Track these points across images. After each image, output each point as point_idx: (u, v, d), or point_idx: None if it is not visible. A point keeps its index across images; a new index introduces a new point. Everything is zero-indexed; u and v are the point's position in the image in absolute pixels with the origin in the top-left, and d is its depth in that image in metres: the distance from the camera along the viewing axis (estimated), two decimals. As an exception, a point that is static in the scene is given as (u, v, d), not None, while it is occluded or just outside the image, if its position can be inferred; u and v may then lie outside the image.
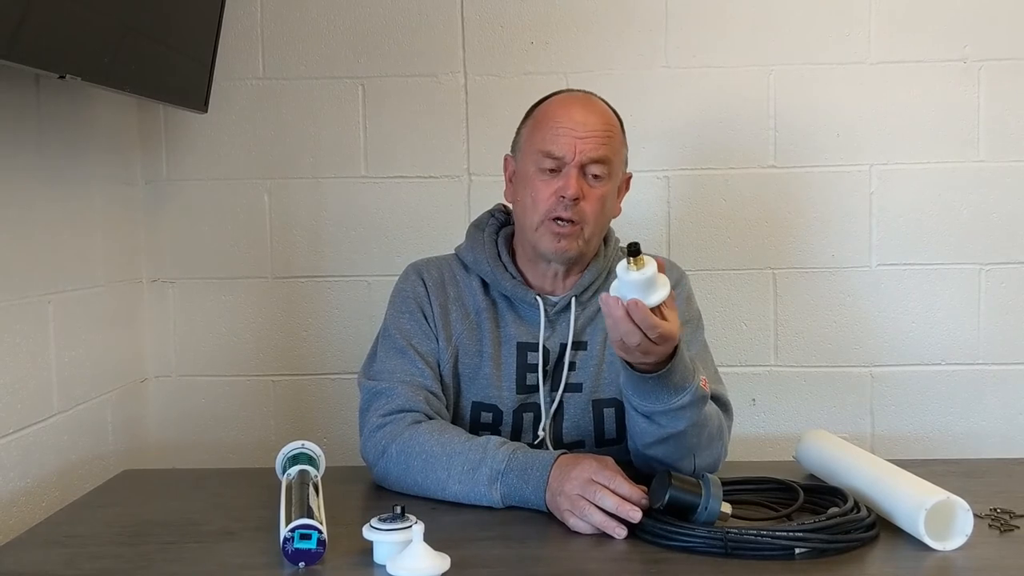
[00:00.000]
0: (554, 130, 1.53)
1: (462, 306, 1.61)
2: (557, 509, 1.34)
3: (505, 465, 1.39)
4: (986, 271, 2.08)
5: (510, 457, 1.40)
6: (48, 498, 1.64)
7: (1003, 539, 1.25)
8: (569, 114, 1.55)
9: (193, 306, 2.14)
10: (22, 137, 1.64)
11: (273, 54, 2.11)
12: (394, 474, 1.47)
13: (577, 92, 1.63)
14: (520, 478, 1.38)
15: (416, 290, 1.62)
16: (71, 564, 1.23)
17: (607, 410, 1.59)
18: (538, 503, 1.37)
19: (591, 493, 1.30)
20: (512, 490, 1.38)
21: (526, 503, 1.38)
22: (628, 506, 1.27)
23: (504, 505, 1.40)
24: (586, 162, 1.52)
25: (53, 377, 1.71)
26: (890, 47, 2.06)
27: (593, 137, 1.52)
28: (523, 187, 1.57)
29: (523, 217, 1.57)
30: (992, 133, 2.06)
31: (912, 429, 2.11)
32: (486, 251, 1.61)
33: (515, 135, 1.64)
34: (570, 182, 1.50)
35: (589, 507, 1.29)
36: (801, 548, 1.18)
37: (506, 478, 1.39)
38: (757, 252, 2.10)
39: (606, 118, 1.57)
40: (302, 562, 1.18)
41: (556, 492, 1.34)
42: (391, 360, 1.56)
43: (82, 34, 1.48)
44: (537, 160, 1.54)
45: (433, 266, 1.65)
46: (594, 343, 1.59)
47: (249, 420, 2.15)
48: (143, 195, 2.12)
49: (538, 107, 1.61)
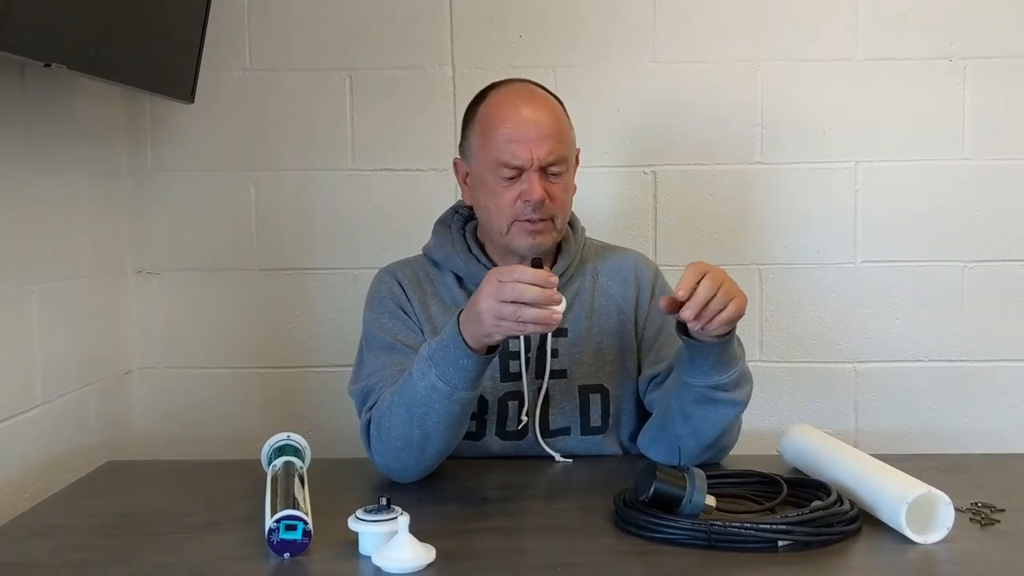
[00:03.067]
0: (506, 137, 1.52)
1: (440, 300, 1.61)
2: (485, 333, 1.32)
3: (426, 351, 1.38)
4: (970, 268, 2.10)
5: (427, 344, 1.40)
6: (31, 489, 1.63)
7: (984, 532, 1.26)
8: (518, 115, 1.53)
9: (178, 298, 2.13)
10: (6, 126, 1.63)
11: (260, 45, 2.10)
12: (388, 453, 1.45)
13: (516, 84, 1.60)
14: (439, 346, 1.37)
15: (392, 290, 1.61)
16: (55, 555, 1.23)
17: (592, 395, 1.60)
18: (462, 348, 1.34)
19: (507, 293, 1.28)
20: (439, 360, 1.36)
21: (456, 362, 1.35)
22: (548, 291, 1.27)
23: (446, 384, 1.36)
24: (545, 165, 1.52)
25: (37, 368, 1.70)
26: (876, 45, 2.07)
27: (548, 138, 1.52)
28: (483, 193, 1.56)
29: (489, 221, 1.57)
30: (977, 131, 2.07)
31: (895, 425, 2.12)
32: (456, 246, 1.62)
33: (461, 137, 1.62)
34: (534, 187, 1.50)
35: (516, 308, 1.27)
36: (784, 541, 1.19)
37: (434, 357, 1.37)
38: (743, 248, 2.11)
39: (553, 111, 1.56)
40: (287, 553, 1.18)
41: (472, 320, 1.32)
42: (380, 357, 1.55)
43: (68, 23, 1.47)
44: (494, 170, 1.53)
45: (406, 267, 1.66)
46: (575, 330, 1.60)
47: (234, 412, 2.14)
48: (128, 186, 2.11)
49: (480, 107, 1.59)
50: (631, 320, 1.63)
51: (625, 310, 1.63)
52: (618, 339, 1.62)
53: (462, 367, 1.35)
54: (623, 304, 1.64)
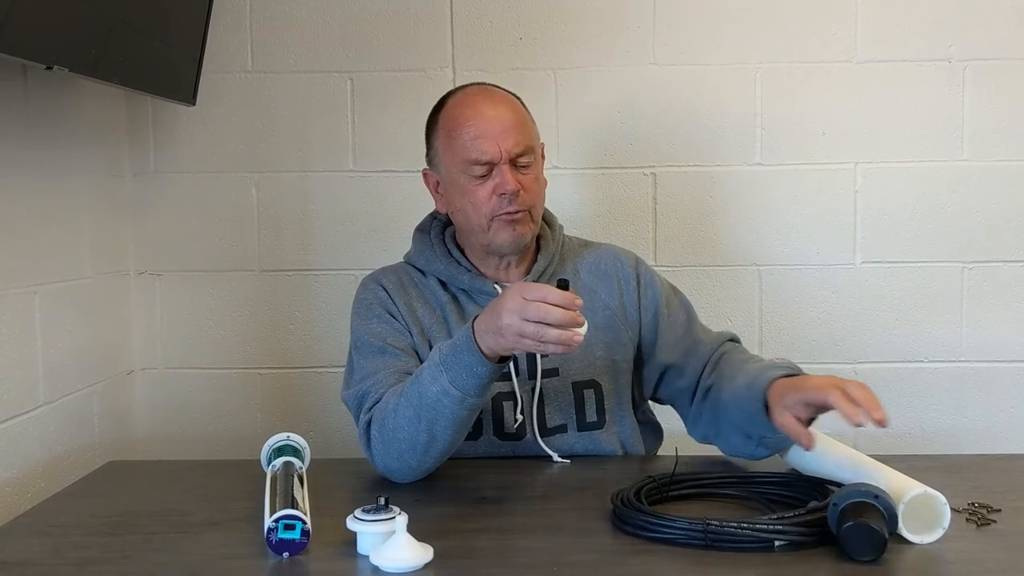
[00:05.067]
0: (471, 135, 1.54)
1: (426, 302, 1.62)
2: (505, 347, 1.32)
3: (437, 356, 1.38)
4: (969, 269, 2.10)
5: (438, 348, 1.39)
6: (34, 488, 1.64)
7: (980, 533, 1.26)
8: (480, 113, 1.55)
9: (180, 298, 2.14)
10: (9, 128, 1.63)
11: (262, 47, 2.11)
12: (391, 454, 1.45)
13: (472, 87, 1.63)
14: (452, 352, 1.36)
15: (378, 295, 1.62)
16: (56, 553, 1.24)
17: (586, 391, 1.61)
18: (476, 356, 1.33)
19: (532, 313, 1.27)
20: (451, 366, 1.35)
21: (470, 369, 1.35)
22: (572, 313, 1.28)
23: (459, 390, 1.36)
24: (513, 157, 1.54)
25: (39, 368, 1.71)
26: (875, 46, 2.07)
27: (512, 130, 1.54)
28: (457, 195, 1.57)
29: (467, 222, 1.58)
30: (976, 132, 2.08)
31: (894, 425, 2.10)
32: (436, 251, 1.63)
33: (427, 147, 1.64)
34: (506, 178, 1.52)
35: (539, 328, 1.27)
36: (781, 541, 1.19)
37: (446, 363, 1.36)
38: (743, 249, 2.12)
39: (513, 105, 1.59)
40: (286, 552, 1.19)
41: (492, 332, 1.32)
42: (372, 362, 1.55)
43: (70, 25, 1.48)
44: (465, 169, 1.54)
45: (390, 272, 1.67)
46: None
47: (235, 412, 2.15)
48: (130, 187, 2.12)
49: (441, 114, 1.61)
50: (618, 315, 1.64)
51: (611, 305, 1.65)
52: (605, 334, 1.63)
53: (476, 374, 1.36)
54: (607, 299, 1.65)
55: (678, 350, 1.65)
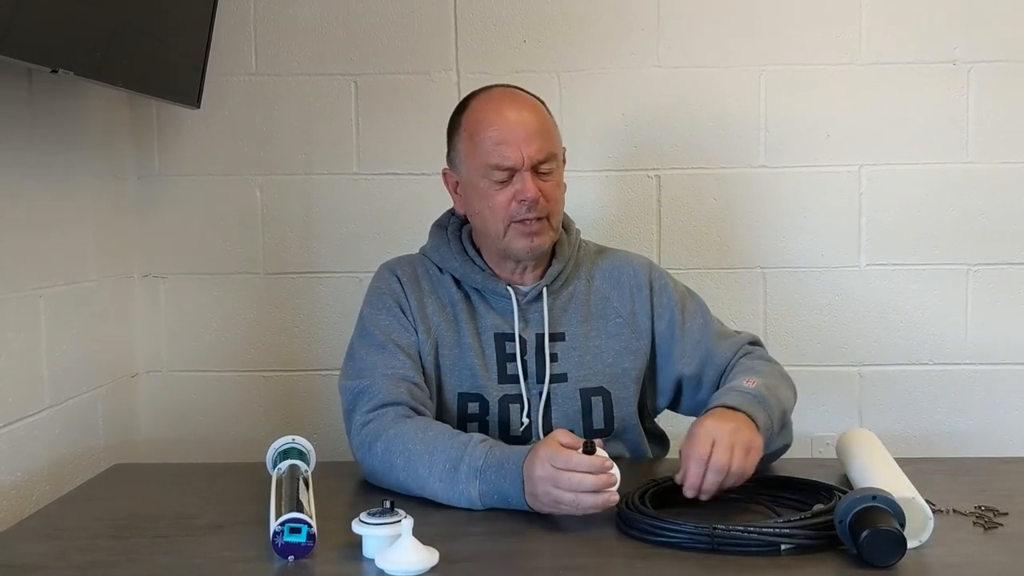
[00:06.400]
0: (494, 140, 1.53)
1: (437, 299, 1.62)
2: (542, 509, 1.32)
3: (483, 462, 1.37)
4: (974, 271, 2.10)
5: (487, 454, 1.37)
6: (39, 491, 1.64)
7: (987, 536, 1.26)
8: (504, 117, 1.54)
9: (184, 301, 2.14)
10: (14, 131, 1.64)
11: (266, 50, 2.11)
12: (380, 471, 1.47)
13: (496, 89, 1.62)
14: (498, 473, 1.35)
15: (391, 286, 1.63)
16: (61, 556, 1.24)
17: (595, 398, 1.60)
18: (517, 498, 1.33)
19: (564, 483, 1.27)
20: (490, 487, 1.35)
21: (505, 499, 1.35)
22: (605, 476, 1.27)
23: (484, 505, 1.36)
24: (536, 163, 1.53)
25: (44, 371, 1.71)
26: (880, 48, 2.07)
27: (536, 137, 1.53)
28: (477, 198, 1.57)
29: (484, 226, 1.58)
30: (981, 134, 2.07)
31: (900, 428, 2.12)
32: (452, 248, 1.63)
33: (448, 148, 1.63)
34: (527, 186, 1.52)
35: (576, 496, 1.27)
36: (787, 544, 1.19)
37: (484, 475, 1.36)
38: (746, 251, 2.12)
39: (537, 110, 1.58)
40: (291, 555, 1.19)
41: (530, 492, 1.32)
42: (371, 356, 1.56)
43: (75, 28, 1.48)
44: (486, 174, 1.54)
45: (406, 263, 1.67)
46: (572, 334, 1.61)
47: (240, 415, 2.15)
48: (135, 190, 2.13)
49: (464, 115, 1.60)
50: (631, 324, 1.64)
51: (623, 313, 1.64)
52: (616, 341, 1.62)
53: (506, 502, 1.35)
54: (620, 308, 1.64)
55: (694, 360, 1.63)
